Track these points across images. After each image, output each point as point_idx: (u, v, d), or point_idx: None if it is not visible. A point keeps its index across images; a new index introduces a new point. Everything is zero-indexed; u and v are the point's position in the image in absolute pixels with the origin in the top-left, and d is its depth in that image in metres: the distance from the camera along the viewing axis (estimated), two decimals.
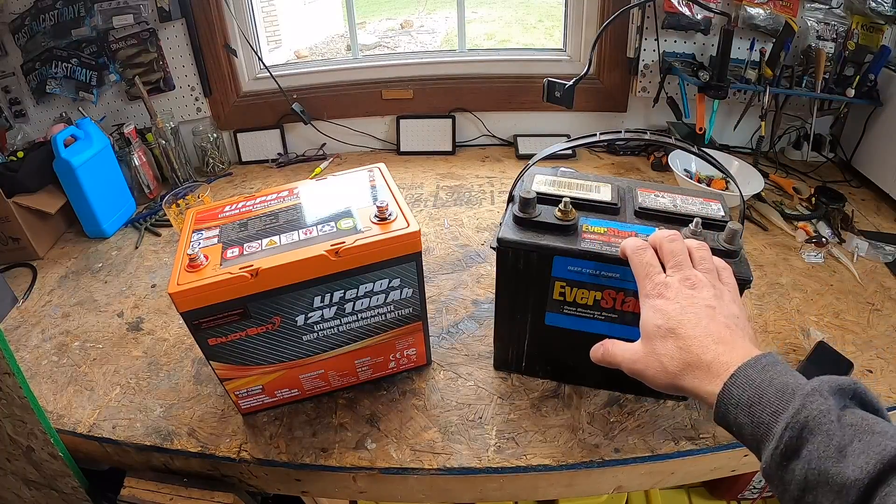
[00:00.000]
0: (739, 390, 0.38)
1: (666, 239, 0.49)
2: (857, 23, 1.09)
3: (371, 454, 0.63)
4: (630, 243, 0.50)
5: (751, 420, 0.37)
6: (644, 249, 0.49)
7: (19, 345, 0.82)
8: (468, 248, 0.97)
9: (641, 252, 0.49)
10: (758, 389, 0.37)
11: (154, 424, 0.68)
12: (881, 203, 1.09)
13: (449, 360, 0.74)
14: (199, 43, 1.23)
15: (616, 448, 0.62)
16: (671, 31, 1.18)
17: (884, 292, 0.84)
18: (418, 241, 0.58)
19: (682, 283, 0.46)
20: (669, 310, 0.44)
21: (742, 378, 0.38)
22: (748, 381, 0.37)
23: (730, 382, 0.38)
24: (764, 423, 0.36)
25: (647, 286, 0.47)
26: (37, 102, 1.24)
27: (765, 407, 0.36)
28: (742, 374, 0.38)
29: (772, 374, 0.37)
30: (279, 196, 0.65)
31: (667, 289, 0.46)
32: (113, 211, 1.11)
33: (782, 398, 0.36)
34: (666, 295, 0.45)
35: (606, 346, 0.50)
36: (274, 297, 0.56)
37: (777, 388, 0.36)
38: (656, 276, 0.47)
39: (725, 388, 0.38)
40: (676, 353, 0.42)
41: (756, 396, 0.37)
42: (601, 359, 0.51)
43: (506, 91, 1.32)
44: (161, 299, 0.90)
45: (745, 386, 0.37)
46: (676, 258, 0.48)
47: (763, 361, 0.38)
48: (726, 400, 0.38)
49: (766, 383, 0.37)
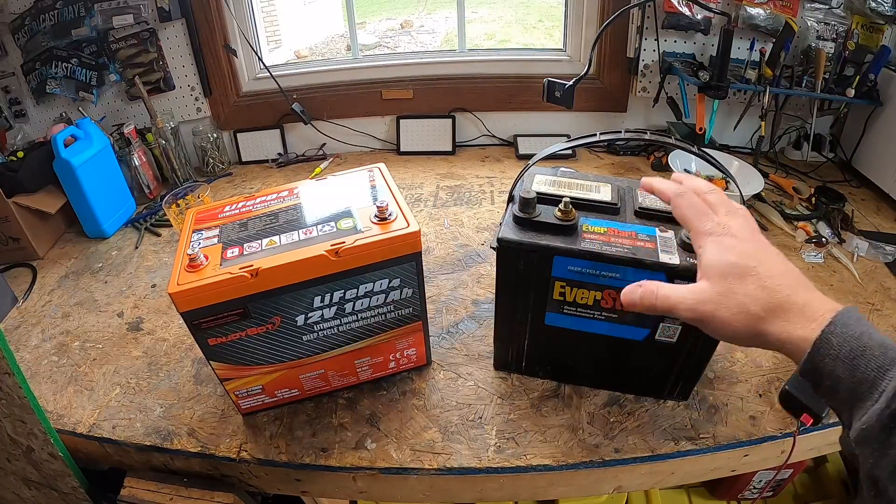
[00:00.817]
0: (839, 340, 0.34)
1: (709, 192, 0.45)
2: (857, 23, 1.09)
3: (371, 454, 0.63)
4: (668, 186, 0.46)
5: (851, 374, 0.33)
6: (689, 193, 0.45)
7: (19, 345, 0.82)
8: (468, 248, 0.97)
9: (689, 195, 0.45)
10: (859, 341, 0.33)
11: (154, 424, 0.68)
12: (881, 203, 1.09)
13: (449, 360, 0.74)
14: (199, 43, 1.23)
15: (616, 448, 0.62)
16: (671, 31, 1.18)
17: (884, 292, 0.84)
18: (418, 241, 0.58)
19: (746, 225, 0.42)
20: (743, 248, 0.40)
21: (841, 327, 0.34)
22: (848, 331, 0.34)
23: (829, 330, 0.34)
24: (868, 379, 0.32)
25: (707, 224, 0.42)
26: (37, 102, 1.24)
27: (869, 361, 0.32)
28: (841, 322, 0.34)
29: (869, 328, 0.34)
30: (279, 196, 0.65)
31: (731, 228, 0.41)
32: (113, 211, 1.11)
33: (887, 354, 0.32)
34: (734, 233, 0.41)
35: (648, 287, 0.44)
36: (274, 297, 0.56)
37: (878, 342, 0.33)
38: (714, 215, 0.43)
39: (824, 336, 0.34)
40: (761, 294, 0.37)
41: (859, 349, 0.33)
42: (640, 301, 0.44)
43: (506, 91, 1.32)
44: (161, 299, 0.90)
45: (845, 336, 0.34)
46: (724, 205, 0.44)
47: (856, 313, 0.35)
48: (824, 349, 0.34)
49: (866, 336, 0.33)
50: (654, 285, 0.43)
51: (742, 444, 0.63)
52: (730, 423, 0.64)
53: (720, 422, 0.64)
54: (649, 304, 0.43)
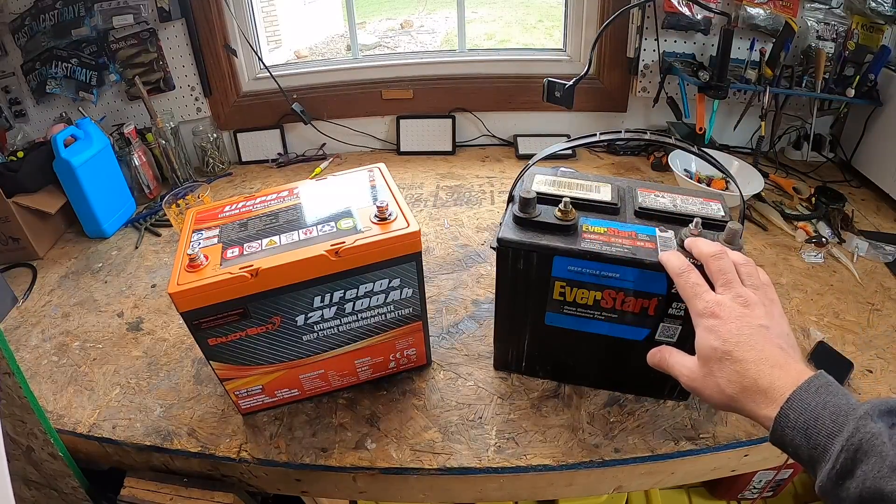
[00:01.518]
0: (795, 414, 0.39)
1: (713, 257, 0.49)
2: (857, 23, 1.09)
3: (371, 454, 0.63)
4: (674, 264, 0.50)
5: (807, 442, 0.38)
6: (690, 271, 0.49)
7: (19, 345, 0.82)
8: (468, 248, 0.97)
9: (687, 274, 0.49)
10: (813, 413, 0.38)
11: (154, 424, 0.68)
12: (881, 203, 1.09)
13: (449, 360, 0.74)
14: (199, 43, 1.23)
15: (616, 448, 0.62)
16: (671, 31, 1.18)
17: (884, 292, 0.84)
18: (418, 241, 0.58)
19: (734, 301, 0.46)
20: (724, 331, 0.45)
21: (797, 402, 0.39)
22: (803, 406, 0.39)
23: (786, 406, 0.40)
24: (820, 445, 0.37)
25: (699, 305, 0.47)
26: (37, 102, 1.24)
27: (820, 430, 0.37)
28: (797, 399, 0.39)
29: (825, 397, 0.39)
30: (279, 196, 0.65)
31: (720, 307, 0.46)
32: (113, 211, 1.11)
33: (836, 421, 0.37)
34: (719, 314, 0.46)
35: (664, 354, 0.52)
36: (274, 297, 0.56)
37: (831, 410, 0.38)
38: (706, 294, 0.48)
39: (782, 413, 0.40)
40: (734, 377, 0.43)
41: (812, 420, 0.38)
42: (658, 364, 0.52)
43: (506, 91, 1.32)
44: (161, 299, 0.90)
45: (800, 410, 0.39)
46: (726, 276, 0.48)
47: (816, 384, 0.40)
48: (783, 423, 0.40)
49: (820, 406, 0.38)
50: (668, 353, 0.52)
51: (742, 444, 0.63)
52: (730, 422, 0.64)
53: (720, 422, 0.64)
54: (664, 368, 0.52)
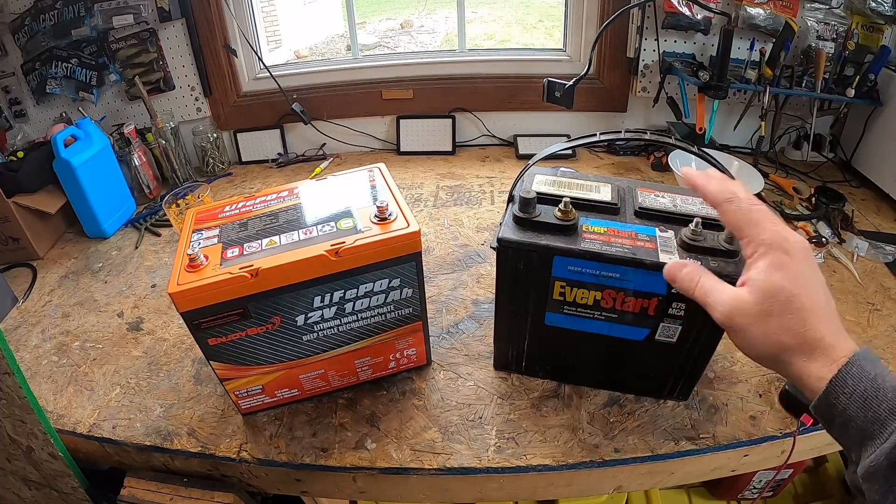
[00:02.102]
0: (855, 381, 0.35)
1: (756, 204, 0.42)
2: (857, 23, 1.09)
3: (371, 454, 0.63)
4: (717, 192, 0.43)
5: (864, 413, 0.34)
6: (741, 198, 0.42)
7: (19, 345, 0.82)
8: (468, 248, 0.97)
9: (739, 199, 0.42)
10: (873, 382, 0.35)
11: (154, 424, 0.68)
12: (881, 203, 1.09)
13: (449, 360, 0.74)
14: (199, 43, 1.23)
15: (616, 448, 0.62)
16: (671, 31, 1.18)
17: (884, 292, 0.84)
18: (418, 241, 0.58)
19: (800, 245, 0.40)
20: (795, 271, 0.39)
21: (858, 368, 0.35)
22: (864, 373, 0.35)
23: (845, 370, 0.36)
24: (879, 419, 0.34)
25: (764, 233, 0.40)
26: (37, 102, 1.24)
27: (882, 402, 0.34)
28: (858, 364, 0.36)
29: (883, 370, 0.35)
30: (279, 196, 0.65)
31: (787, 243, 0.39)
32: (113, 211, 1.11)
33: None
34: (790, 251, 0.39)
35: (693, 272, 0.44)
36: (274, 297, 0.56)
37: (892, 385, 0.34)
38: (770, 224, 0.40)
39: (840, 375, 0.36)
40: (797, 326, 0.38)
41: (872, 390, 0.34)
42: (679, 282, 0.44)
43: (506, 91, 1.32)
44: (161, 299, 0.90)
45: (860, 377, 0.35)
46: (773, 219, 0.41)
47: (872, 355, 0.36)
48: (839, 388, 0.35)
49: (880, 377, 0.35)
50: (699, 272, 0.43)
51: (742, 444, 0.63)
52: (730, 423, 0.64)
53: (720, 422, 0.64)
54: (686, 287, 0.44)
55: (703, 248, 0.55)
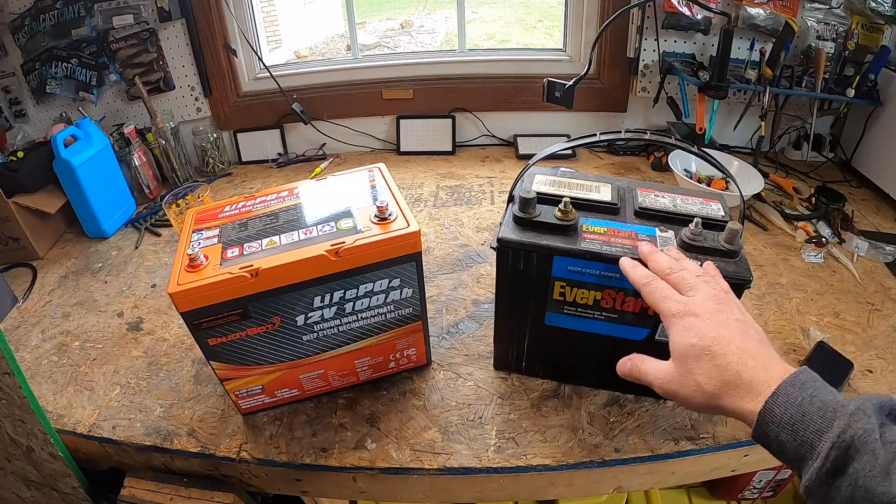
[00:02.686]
0: (781, 409, 0.37)
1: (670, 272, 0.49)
2: (857, 23, 1.09)
3: (371, 454, 0.63)
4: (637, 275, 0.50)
5: (794, 438, 0.37)
6: (654, 280, 0.49)
7: (19, 345, 0.82)
8: (468, 248, 0.97)
9: (653, 282, 0.49)
10: (800, 408, 0.37)
11: (154, 424, 0.68)
12: (881, 203, 1.09)
13: (449, 360, 0.74)
14: (199, 43, 1.23)
15: (616, 448, 0.62)
16: (671, 31, 1.18)
17: (884, 292, 0.84)
18: (418, 241, 0.58)
19: (706, 300, 0.46)
20: (702, 328, 0.43)
21: (783, 396, 0.38)
22: (790, 400, 0.37)
23: (771, 401, 0.38)
24: (807, 441, 0.36)
25: (673, 307, 0.46)
26: (37, 102, 1.24)
27: (808, 426, 0.36)
28: (783, 393, 0.38)
29: (812, 392, 0.37)
30: (279, 196, 0.65)
31: (695, 306, 0.45)
32: (113, 211, 1.11)
33: (825, 417, 0.36)
34: (696, 312, 0.45)
35: (635, 361, 0.50)
36: (274, 297, 0.56)
37: (818, 406, 0.36)
38: (677, 296, 0.47)
39: (767, 407, 0.38)
40: (714, 372, 0.42)
41: (798, 415, 0.37)
42: (628, 374, 0.50)
43: (506, 91, 1.32)
44: (161, 299, 0.90)
45: (786, 404, 0.37)
46: (687, 282, 0.47)
47: (801, 378, 0.38)
48: (768, 419, 0.38)
49: (807, 402, 0.37)
50: (639, 360, 0.49)
51: (742, 444, 0.63)
52: (730, 422, 0.64)
53: (720, 422, 0.64)
54: (634, 378, 0.50)
55: (702, 248, 0.55)
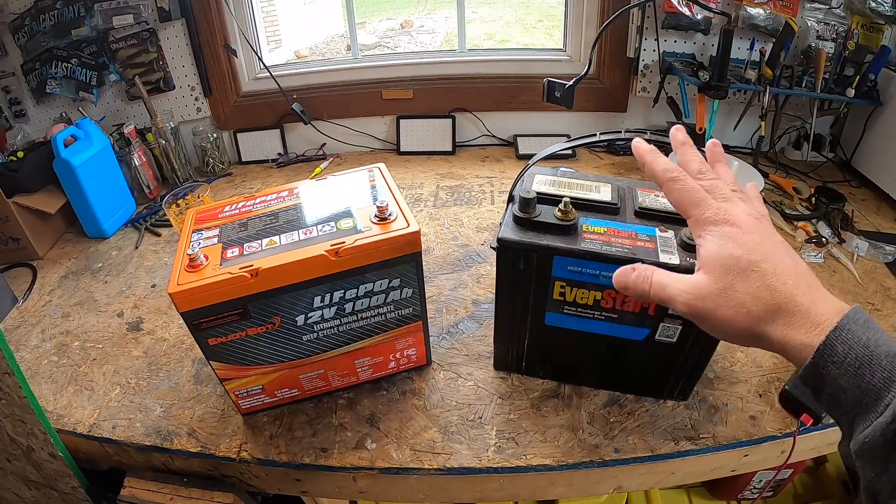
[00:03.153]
0: (845, 347, 0.32)
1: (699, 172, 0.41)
2: (857, 23, 1.09)
3: (371, 454, 0.63)
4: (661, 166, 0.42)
5: (857, 385, 0.31)
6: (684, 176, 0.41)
7: (19, 345, 0.82)
8: (468, 248, 0.97)
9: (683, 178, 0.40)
10: (866, 349, 0.31)
11: (154, 424, 0.68)
12: (881, 203, 1.09)
13: (449, 360, 0.74)
14: (199, 43, 1.23)
15: (616, 448, 0.62)
16: (671, 31, 1.18)
17: (884, 292, 0.84)
18: (418, 241, 0.58)
19: (748, 214, 0.38)
20: (747, 240, 0.36)
21: (847, 333, 0.32)
22: (855, 339, 0.32)
23: (833, 336, 0.32)
24: (873, 389, 0.31)
25: (707, 211, 0.38)
26: (37, 102, 1.24)
27: (875, 371, 0.31)
28: (847, 329, 0.32)
29: (877, 334, 0.32)
30: (279, 196, 0.65)
31: (734, 216, 0.38)
32: (113, 211, 1.11)
33: (894, 364, 0.31)
34: (737, 223, 0.37)
35: (643, 271, 0.41)
36: (274, 297, 0.56)
37: (886, 350, 0.31)
38: (713, 201, 0.39)
39: (828, 342, 0.32)
40: (764, 293, 0.35)
41: (865, 358, 0.31)
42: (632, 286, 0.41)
43: (506, 91, 1.32)
44: (161, 299, 0.90)
45: (851, 343, 0.32)
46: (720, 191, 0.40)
47: (862, 317, 0.33)
48: (827, 356, 0.32)
49: (873, 343, 0.31)
50: (649, 270, 0.41)
51: (742, 444, 0.63)
52: (730, 423, 0.64)
53: (720, 422, 0.64)
54: (641, 290, 0.41)
55: None
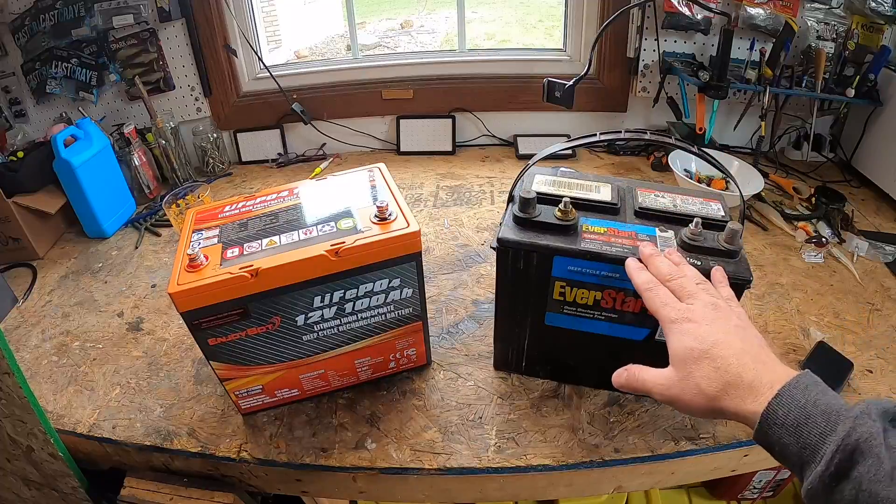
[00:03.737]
0: (784, 410, 0.37)
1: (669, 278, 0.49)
2: (857, 23, 1.09)
3: (371, 454, 0.63)
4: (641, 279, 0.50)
5: (797, 441, 0.36)
6: (657, 286, 0.49)
7: (19, 345, 0.82)
8: (468, 248, 0.97)
9: (655, 289, 0.49)
10: (803, 410, 0.37)
11: (154, 424, 0.68)
12: (881, 203, 1.09)
13: (449, 360, 0.74)
14: (199, 43, 1.23)
15: (616, 448, 0.62)
16: (671, 31, 1.18)
17: (884, 292, 0.84)
18: (418, 241, 0.58)
19: (705, 307, 0.46)
20: (701, 332, 0.44)
21: (786, 398, 0.37)
22: (793, 402, 0.37)
23: (774, 402, 0.38)
24: (810, 444, 0.36)
25: (671, 313, 0.47)
26: (37, 102, 1.24)
27: (811, 429, 0.36)
28: (786, 394, 0.38)
29: (815, 395, 0.37)
30: (279, 196, 0.65)
31: (692, 313, 0.46)
32: (113, 211, 1.11)
33: (829, 420, 0.36)
34: (693, 318, 0.45)
35: (632, 371, 0.49)
36: (274, 297, 0.56)
37: (822, 409, 0.36)
38: (676, 303, 0.47)
39: (770, 408, 0.38)
40: (714, 374, 0.42)
41: (802, 418, 0.36)
42: (625, 384, 0.49)
43: (506, 91, 1.32)
44: (161, 299, 0.90)
45: (790, 406, 0.37)
46: (686, 290, 0.48)
47: (804, 381, 0.38)
48: (770, 420, 0.38)
49: (810, 404, 0.37)
50: (637, 370, 0.49)
51: (742, 444, 0.63)
52: (730, 423, 0.64)
53: (720, 422, 0.64)
54: (632, 388, 0.49)
55: (702, 248, 0.55)
